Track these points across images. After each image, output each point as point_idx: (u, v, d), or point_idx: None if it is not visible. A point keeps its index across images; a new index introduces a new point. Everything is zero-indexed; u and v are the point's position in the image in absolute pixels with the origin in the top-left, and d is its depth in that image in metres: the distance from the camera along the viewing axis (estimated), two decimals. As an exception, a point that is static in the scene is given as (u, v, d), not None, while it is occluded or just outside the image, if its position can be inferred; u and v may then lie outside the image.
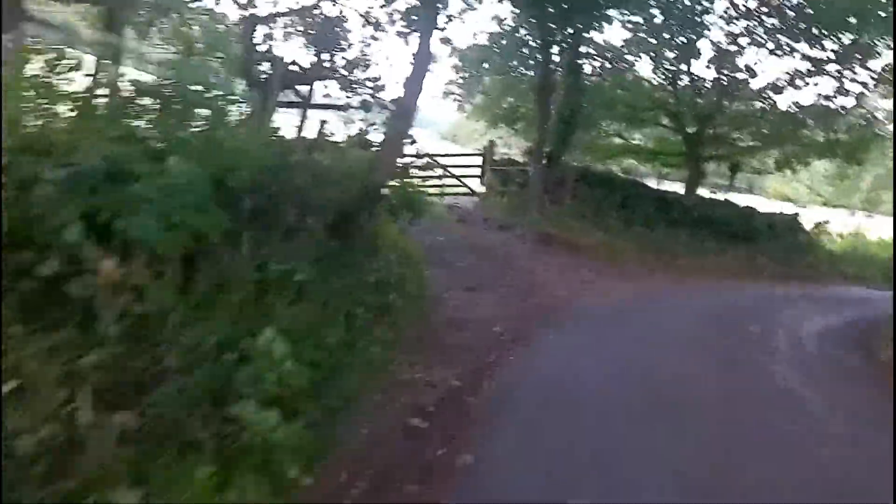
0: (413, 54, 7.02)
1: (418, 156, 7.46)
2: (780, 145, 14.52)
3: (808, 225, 15.71)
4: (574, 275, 8.67)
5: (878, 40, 12.04)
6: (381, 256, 6.10)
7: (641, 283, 9.12)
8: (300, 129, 8.19)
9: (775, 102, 14.15)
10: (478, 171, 12.60)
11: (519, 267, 8.45)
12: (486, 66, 13.89)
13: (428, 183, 12.19)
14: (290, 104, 8.17)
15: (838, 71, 13.14)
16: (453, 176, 12.19)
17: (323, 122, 8.39)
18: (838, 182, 22.07)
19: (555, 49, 11.98)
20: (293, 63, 7.72)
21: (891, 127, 15.01)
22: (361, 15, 10.01)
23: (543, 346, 5.40)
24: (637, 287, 8.82)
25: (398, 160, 6.94)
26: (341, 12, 9.83)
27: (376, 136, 6.88)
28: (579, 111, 12.09)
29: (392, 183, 7.03)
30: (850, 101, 13.71)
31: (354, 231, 6.38)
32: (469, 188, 12.43)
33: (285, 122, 8.52)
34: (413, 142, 7.15)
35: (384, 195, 6.73)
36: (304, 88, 8.91)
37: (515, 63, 13.78)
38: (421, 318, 5.76)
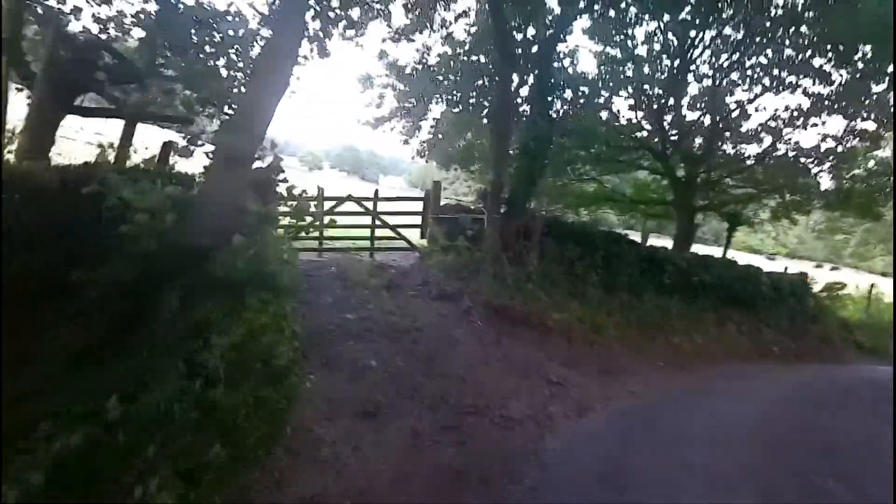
0: (267, 46, 4.46)
1: (291, 196, 4.72)
2: (782, 193, 12.29)
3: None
4: (537, 374, 5.93)
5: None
6: (173, 381, 3.26)
7: (634, 384, 6.42)
8: (123, 147, 5.42)
9: (773, 144, 12.05)
10: (419, 220, 9.85)
11: (456, 365, 5.65)
12: (435, 94, 11.41)
13: (351, 234, 9.59)
14: (106, 112, 5.43)
15: (845, 105, 11.11)
16: (387, 226, 9.49)
17: (167, 143, 5.68)
18: (829, 235, 20.15)
19: (516, 76, 9.71)
20: (106, 49, 5.02)
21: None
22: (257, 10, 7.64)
23: None
24: (630, 391, 6.13)
25: (243, 202, 4.18)
26: (230, 5, 7.32)
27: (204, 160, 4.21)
28: (547, 147, 9.63)
29: (238, 238, 4.25)
30: (860, 143, 11.67)
31: (149, 331, 3.61)
32: (408, 241, 9.70)
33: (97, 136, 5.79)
34: (278, 171, 4.46)
35: (212, 261, 3.96)
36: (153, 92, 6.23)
37: (473, 93, 11.41)
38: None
